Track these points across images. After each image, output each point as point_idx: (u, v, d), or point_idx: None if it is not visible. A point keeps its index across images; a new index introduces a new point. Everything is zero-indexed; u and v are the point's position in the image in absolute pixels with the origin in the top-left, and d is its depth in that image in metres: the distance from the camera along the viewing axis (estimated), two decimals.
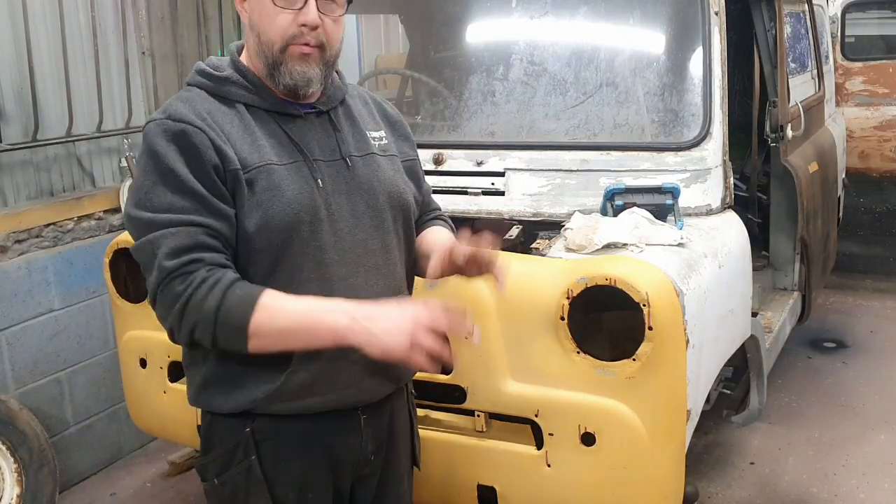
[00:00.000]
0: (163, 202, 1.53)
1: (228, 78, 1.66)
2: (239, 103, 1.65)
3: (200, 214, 1.53)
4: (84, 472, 3.64)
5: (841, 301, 5.36)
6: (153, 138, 1.56)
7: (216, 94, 1.65)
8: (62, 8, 3.45)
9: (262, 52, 1.63)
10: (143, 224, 1.53)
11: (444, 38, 3.82)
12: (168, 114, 1.59)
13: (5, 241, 3.30)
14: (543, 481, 2.27)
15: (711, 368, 2.54)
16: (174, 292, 1.50)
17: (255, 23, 1.63)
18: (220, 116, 1.61)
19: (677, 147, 2.73)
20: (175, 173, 1.53)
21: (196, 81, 1.68)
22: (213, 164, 1.55)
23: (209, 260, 1.52)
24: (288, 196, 1.58)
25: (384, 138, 1.81)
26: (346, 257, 1.65)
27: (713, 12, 2.79)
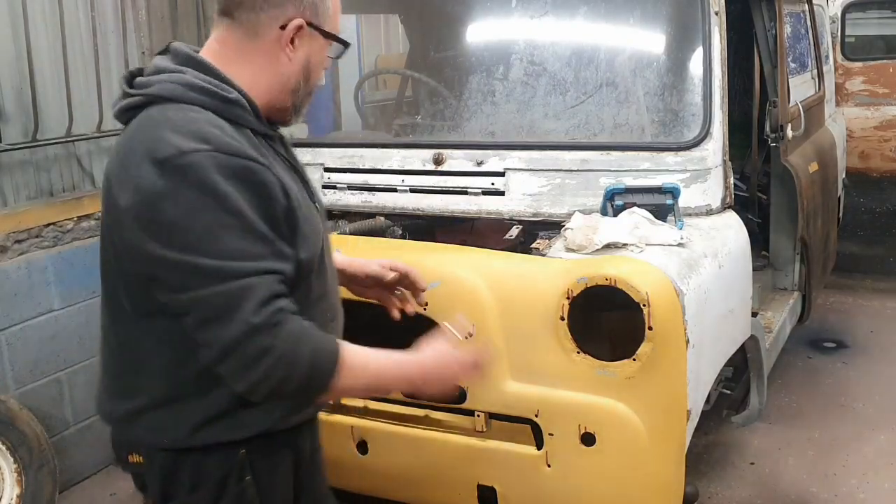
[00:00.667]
0: (231, 248, 1.38)
1: (238, 102, 1.52)
2: (246, 128, 1.52)
3: (273, 260, 1.43)
4: (84, 472, 3.63)
5: (841, 301, 5.36)
6: (206, 174, 1.37)
7: (225, 116, 1.49)
8: (62, 8, 3.45)
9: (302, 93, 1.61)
10: (205, 272, 1.37)
11: (444, 38, 3.82)
12: (215, 144, 1.41)
13: (5, 241, 3.30)
14: (543, 481, 2.27)
15: (711, 368, 2.54)
16: (263, 346, 1.38)
17: (311, 66, 1.59)
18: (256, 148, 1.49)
19: (677, 147, 2.73)
20: (243, 215, 1.39)
21: (197, 100, 1.49)
22: (282, 205, 1.46)
23: (289, 308, 1.43)
24: (314, 225, 1.57)
25: None
26: (332, 269, 1.70)
27: (713, 12, 2.79)
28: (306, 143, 3.24)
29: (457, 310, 2.28)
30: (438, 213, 2.92)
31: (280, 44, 1.54)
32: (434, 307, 2.30)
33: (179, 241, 1.38)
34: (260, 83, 1.56)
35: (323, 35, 1.58)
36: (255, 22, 1.53)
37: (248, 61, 1.55)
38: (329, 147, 3.18)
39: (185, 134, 1.41)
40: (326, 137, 3.77)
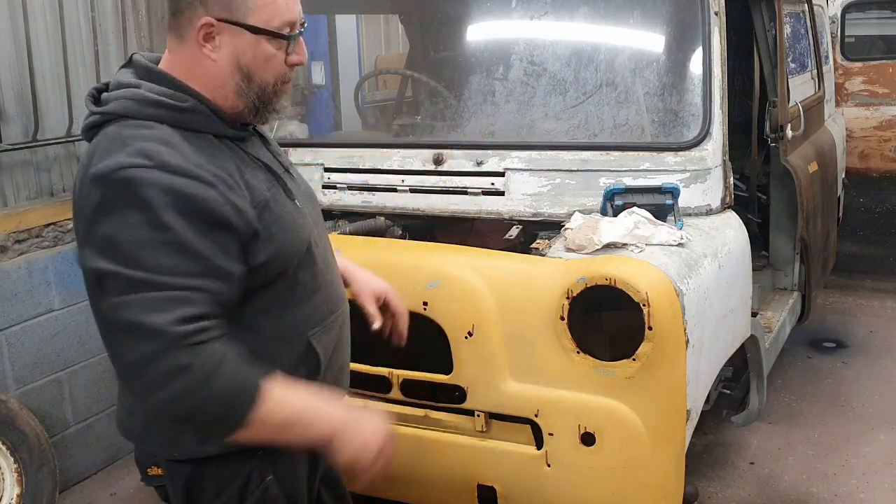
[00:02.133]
0: (161, 263, 1.36)
1: (194, 109, 1.50)
2: (207, 134, 1.51)
3: (204, 278, 1.39)
4: (84, 472, 3.64)
5: (841, 301, 5.36)
6: (141, 190, 1.37)
7: (180, 126, 1.48)
8: (62, 8, 3.45)
9: (249, 93, 1.53)
10: (133, 283, 1.35)
11: (444, 38, 3.82)
12: (157, 161, 1.39)
13: (5, 241, 3.30)
14: (543, 481, 2.27)
15: (711, 368, 2.54)
16: (177, 364, 1.34)
17: (245, 64, 1.50)
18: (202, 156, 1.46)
19: (677, 147, 2.73)
20: (175, 231, 1.37)
21: (152, 115, 1.47)
22: (227, 223, 1.43)
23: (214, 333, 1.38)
24: (288, 223, 1.55)
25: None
26: (328, 263, 1.70)
27: (713, 12, 2.79)
28: (306, 143, 3.24)
29: (457, 309, 2.29)
30: (438, 213, 2.93)
31: (198, 45, 1.50)
32: (434, 307, 2.31)
33: (111, 253, 1.37)
34: (206, 87, 1.53)
35: (248, 30, 1.49)
36: (178, 26, 1.52)
37: (189, 67, 1.53)
38: (329, 147, 3.18)
39: (130, 151, 1.41)
40: (326, 137, 3.77)
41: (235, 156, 1.54)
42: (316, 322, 1.62)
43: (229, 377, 1.38)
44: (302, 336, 1.60)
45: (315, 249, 1.64)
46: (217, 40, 1.50)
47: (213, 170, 1.45)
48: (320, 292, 1.64)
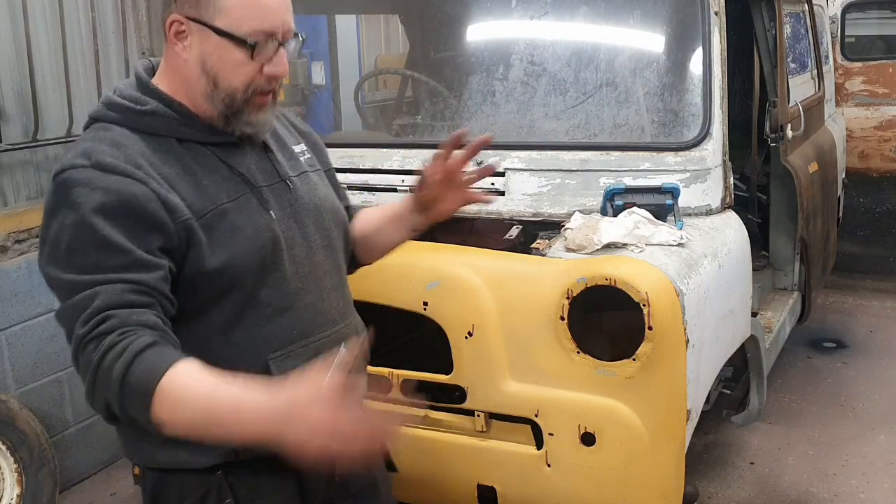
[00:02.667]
0: (85, 262, 1.35)
1: (155, 111, 1.48)
2: (170, 138, 1.48)
3: (129, 271, 1.35)
4: (84, 472, 3.64)
5: (841, 301, 5.36)
6: (74, 189, 1.37)
7: (140, 130, 1.47)
8: (62, 8, 3.45)
9: (216, 98, 1.48)
10: (65, 285, 1.37)
11: (444, 38, 3.82)
12: (94, 161, 1.39)
13: (5, 241, 3.30)
14: (543, 481, 2.27)
15: (711, 368, 2.54)
16: (87, 359, 1.32)
17: (211, 67, 1.46)
18: (155, 159, 1.44)
19: (677, 147, 2.73)
20: (97, 230, 1.35)
21: (113, 118, 1.48)
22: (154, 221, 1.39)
23: (124, 318, 1.32)
24: (248, 233, 1.48)
25: (306, 151, 1.72)
26: (307, 283, 1.58)
27: (713, 12, 2.79)
28: None
29: (457, 309, 2.29)
30: None
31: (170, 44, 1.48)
32: (434, 307, 2.31)
33: (51, 255, 1.39)
34: (182, 89, 1.50)
35: (214, 32, 1.44)
36: (162, 28, 1.51)
37: (169, 68, 1.52)
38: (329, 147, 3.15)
39: (76, 152, 1.43)
40: (326, 137, 3.74)
41: (197, 160, 1.49)
42: (279, 346, 1.51)
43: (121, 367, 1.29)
44: (260, 359, 1.50)
45: (287, 268, 1.53)
46: (188, 40, 1.46)
47: (150, 170, 1.42)
48: (289, 314, 1.53)
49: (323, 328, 1.59)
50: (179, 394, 1.28)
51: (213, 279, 1.45)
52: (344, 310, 1.66)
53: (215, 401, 1.28)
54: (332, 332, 1.60)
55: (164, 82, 1.52)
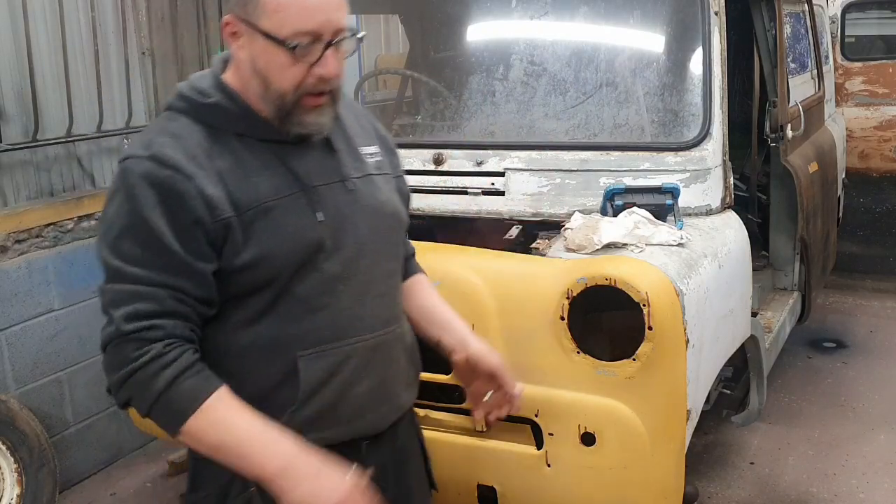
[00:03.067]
0: (133, 253, 1.42)
1: (217, 105, 1.51)
2: (230, 133, 1.51)
3: (172, 275, 1.42)
4: (84, 472, 3.64)
5: (841, 301, 5.36)
6: (132, 179, 1.44)
7: (203, 122, 1.51)
8: (62, 8, 3.45)
9: (268, 99, 1.49)
10: (111, 270, 1.44)
11: (444, 38, 3.82)
12: (152, 153, 1.45)
13: (5, 241, 3.30)
14: (543, 481, 2.27)
15: (711, 368, 2.54)
16: (125, 355, 1.41)
17: (261, 69, 1.47)
18: (211, 152, 1.48)
19: (677, 147, 2.73)
20: (149, 224, 1.42)
21: (180, 108, 1.53)
22: (196, 218, 1.43)
23: (170, 330, 1.42)
24: (288, 232, 1.49)
25: (377, 154, 1.70)
26: (351, 287, 1.56)
27: (713, 12, 2.79)
28: None
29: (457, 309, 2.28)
30: (438, 213, 2.92)
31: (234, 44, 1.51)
32: None
33: (102, 235, 1.48)
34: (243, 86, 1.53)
35: (261, 34, 1.45)
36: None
37: (235, 65, 1.55)
38: None
39: (140, 142, 1.49)
40: None
41: (252, 156, 1.51)
42: (310, 344, 1.52)
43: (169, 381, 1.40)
44: (289, 356, 1.51)
45: (327, 269, 1.53)
46: (241, 40, 1.49)
47: (204, 161, 1.46)
48: (323, 314, 1.53)
49: (359, 333, 1.57)
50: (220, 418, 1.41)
51: (244, 274, 1.47)
52: (387, 317, 1.64)
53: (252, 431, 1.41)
54: (368, 338, 1.59)
55: (232, 78, 1.54)
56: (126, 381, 1.42)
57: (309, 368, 1.51)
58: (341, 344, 1.55)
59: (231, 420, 1.42)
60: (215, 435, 1.42)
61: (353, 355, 1.56)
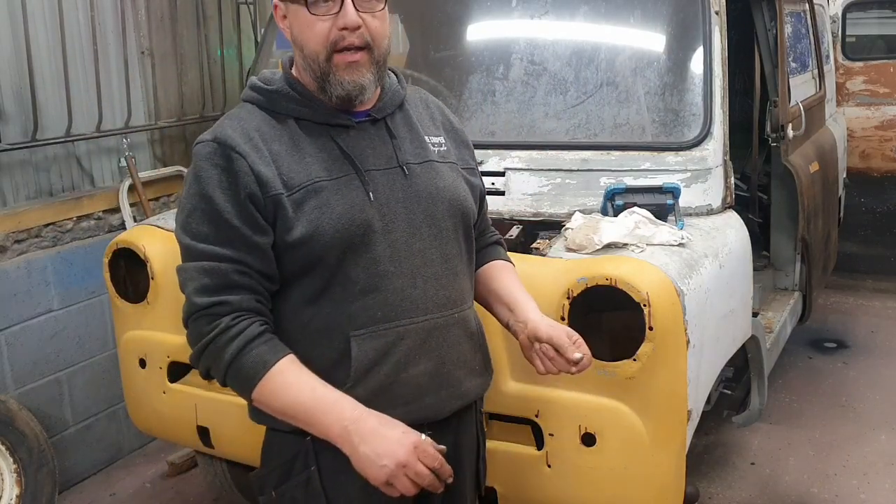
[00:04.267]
0: (201, 230, 1.55)
1: (279, 91, 1.63)
2: (290, 118, 1.62)
3: (235, 248, 1.53)
4: (84, 473, 3.63)
5: (842, 301, 5.36)
6: (199, 161, 1.57)
7: (267, 108, 1.63)
8: (62, 8, 3.45)
9: (308, 66, 1.59)
10: (184, 248, 1.57)
11: (444, 38, 3.81)
12: (215, 135, 1.58)
13: (5, 241, 3.29)
14: (543, 481, 2.27)
15: (712, 368, 2.53)
16: (200, 331, 1.54)
17: (296, 37, 1.59)
18: (268, 134, 1.59)
19: (678, 147, 2.72)
20: (213, 202, 1.54)
21: (248, 97, 1.67)
22: (249, 193, 1.53)
23: (236, 304, 1.53)
24: (337, 212, 1.55)
25: (443, 144, 1.75)
26: (401, 268, 1.60)
27: (713, 12, 2.79)
28: None
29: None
30: None
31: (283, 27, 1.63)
32: None
33: (178, 216, 1.59)
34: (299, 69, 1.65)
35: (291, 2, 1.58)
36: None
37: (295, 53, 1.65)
38: None
39: (213, 128, 1.61)
40: None
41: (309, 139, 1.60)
42: (362, 324, 1.58)
43: (236, 352, 1.51)
44: (343, 335, 1.58)
45: (379, 251, 1.58)
46: (286, 21, 1.61)
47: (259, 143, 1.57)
48: (376, 296, 1.58)
49: (411, 314, 1.61)
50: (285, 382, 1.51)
51: (295, 251, 1.55)
52: (443, 300, 1.66)
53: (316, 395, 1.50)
54: (421, 321, 1.62)
55: (295, 68, 1.66)
56: (202, 353, 1.55)
57: (361, 348, 1.57)
58: (392, 325, 1.59)
59: (296, 385, 1.51)
60: (283, 399, 1.51)
61: (405, 336, 1.60)
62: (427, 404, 1.65)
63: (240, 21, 4.46)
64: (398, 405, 1.60)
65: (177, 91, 4.10)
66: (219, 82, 4.37)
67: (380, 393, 1.58)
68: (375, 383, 1.58)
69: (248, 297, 1.54)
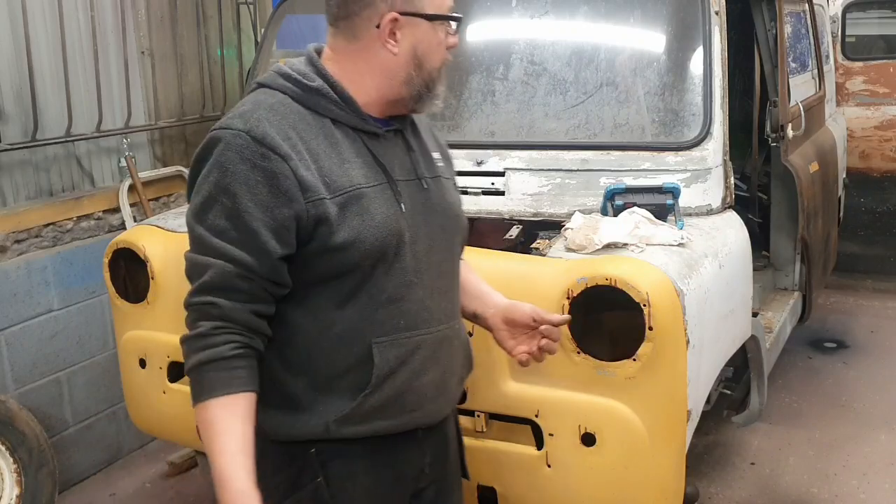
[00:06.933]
0: (216, 224, 1.50)
1: (319, 90, 1.59)
2: (326, 117, 1.59)
3: (247, 251, 1.49)
4: (84, 472, 3.63)
5: (841, 301, 5.36)
6: (227, 151, 1.50)
7: (301, 102, 1.58)
8: (62, 8, 3.45)
9: (417, 82, 1.61)
10: (195, 238, 1.53)
11: None
12: (250, 128, 1.50)
13: (5, 241, 3.29)
14: (543, 481, 2.27)
15: (712, 368, 2.54)
16: (189, 322, 1.54)
17: (421, 54, 1.60)
18: (307, 133, 1.55)
19: (678, 147, 2.72)
20: (237, 199, 1.48)
21: (281, 86, 1.59)
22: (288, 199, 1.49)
23: (227, 310, 1.49)
24: (377, 220, 1.56)
25: (441, 160, 1.80)
26: (423, 280, 1.64)
27: (713, 12, 2.79)
28: None
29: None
30: None
31: (380, 42, 1.59)
32: None
33: (192, 201, 1.55)
34: (364, 81, 1.60)
35: (425, 19, 1.59)
36: (352, 27, 1.60)
37: (353, 62, 1.61)
38: None
39: (237, 114, 1.54)
40: None
41: (346, 142, 1.59)
42: (384, 333, 1.59)
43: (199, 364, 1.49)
44: (365, 342, 1.58)
45: (407, 261, 1.60)
46: (400, 33, 1.58)
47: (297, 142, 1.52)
48: (402, 305, 1.60)
49: (428, 325, 1.65)
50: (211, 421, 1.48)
51: (335, 256, 1.53)
52: (450, 313, 1.72)
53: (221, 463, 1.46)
54: (434, 331, 1.66)
55: (333, 67, 1.61)
56: (183, 342, 1.53)
57: (383, 356, 1.58)
58: (413, 334, 1.62)
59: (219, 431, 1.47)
60: (204, 433, 1.49)
61: (422, 346, 1.63)
62: (428, 411, 1.69)
63: (240, 21, 4.46)
64: (405, 413, 1.64)
65: (177, 91, 4.11)
66: (219, 82, 4.37)
67: (393, 400, 1.61)
68: (391, 391, 1.60)
69: (242, 306, 1.50)
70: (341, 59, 1.62)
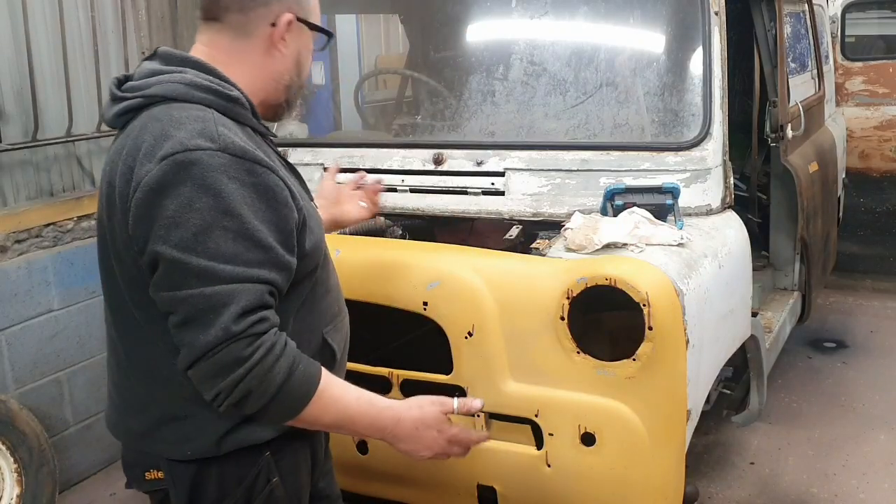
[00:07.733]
0: (224, 251, 1.37)
1: (239, 99, 1.51)
2: (247, 126, 1.52)
3: (266, 269, 1.41)
4: (84, 472, 3.63)
5: (841, 301, 5.36)
6: (209, 174, 1.37)
7: (229, 115, 1.49)
8: (62, 8, 3.45)
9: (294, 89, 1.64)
10: (195, 272, 1.36)
11: (444, 38, 3.81)
12: (224, 145, 1.40)
13: (5, 241, 3.30)
14: (543, 481, 2.27)
15: (711, 368, 2.54)
16: (238, 355, 1.37)
17: (302, 61, 1.63)
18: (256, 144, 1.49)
19: (677, 147, 2.72)
20: (242, 219, 1.38)
21: (202, 99, 1.47)
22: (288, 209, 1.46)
23: (273, 321, 1.43)
24: (318, 220, 1.63)
25: None
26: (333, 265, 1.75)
27: (713, 12, 2.79)
28: (306, 143, 3.24)
29: (457, 309, 2.29)
30: (438, 213, 2.92)
31: (272, 40, 1.57)
32: (434, 307, 2.30)
33: (175, 237, 1.37)
34: (255, 82, 1.58)
35: (309, 27, 1.62)
36: (244, 22, 1.55)
37: (241, 61, 1.57)
38: (329, 147, 3.18)
39: (191, 132, 1.40)
40: (326, 137, 3.77)
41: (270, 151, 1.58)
42: (329, 320, 1.67)
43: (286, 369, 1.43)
44: (318, 332, 1.64)
45: (327, 252, 1.69)
46: (290, 35, 1.58)
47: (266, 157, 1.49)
48: (332, 293, 1.70)
49: (344, 306, 1.77)
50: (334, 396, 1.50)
51: (306, 261, 1.55)
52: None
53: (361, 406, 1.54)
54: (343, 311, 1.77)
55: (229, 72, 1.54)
56: (243, 379, 1.38)
57: (333, 340, 1.66)
58: (342, 318, 1.74)
59: (342, 398, 1.52)
60: (334, 413, 1.51)
61: (345, 327, 1.76)
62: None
63: None
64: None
65: None
66: None
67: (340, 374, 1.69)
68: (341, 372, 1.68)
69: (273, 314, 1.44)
70: (227, 59, 1.55)
